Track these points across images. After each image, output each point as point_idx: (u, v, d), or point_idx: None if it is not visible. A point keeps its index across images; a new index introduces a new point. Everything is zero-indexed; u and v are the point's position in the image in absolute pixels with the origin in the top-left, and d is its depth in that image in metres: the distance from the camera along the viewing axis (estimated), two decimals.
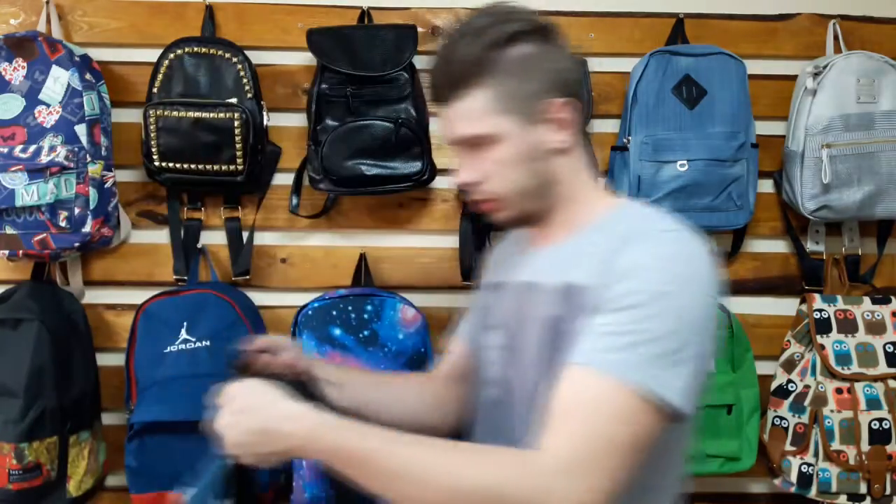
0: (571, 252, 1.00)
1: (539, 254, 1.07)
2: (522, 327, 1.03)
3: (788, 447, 1.70)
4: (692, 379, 0.86)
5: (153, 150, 1.64)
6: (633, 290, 0.87)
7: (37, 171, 1.57)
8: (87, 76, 1.64)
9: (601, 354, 0.85)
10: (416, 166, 1.67)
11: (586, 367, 0.85)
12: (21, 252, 1.61)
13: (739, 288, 1.82)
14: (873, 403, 1.67)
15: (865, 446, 1.66)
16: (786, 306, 1.81)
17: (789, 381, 1.74)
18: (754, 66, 1.75)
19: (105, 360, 1.76)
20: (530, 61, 0.97)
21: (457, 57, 0.96)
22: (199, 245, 1.78)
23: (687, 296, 0.87)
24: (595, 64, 1.75)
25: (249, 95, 1.68)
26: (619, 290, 0.87)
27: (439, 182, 1.75)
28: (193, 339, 1.62)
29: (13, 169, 1.57)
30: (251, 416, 0.92)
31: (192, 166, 1.65)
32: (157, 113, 1.63)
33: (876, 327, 1.72)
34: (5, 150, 1.59)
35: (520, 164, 0.99)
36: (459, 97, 0.97)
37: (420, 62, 1.73)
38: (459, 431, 1.19)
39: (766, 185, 1.82)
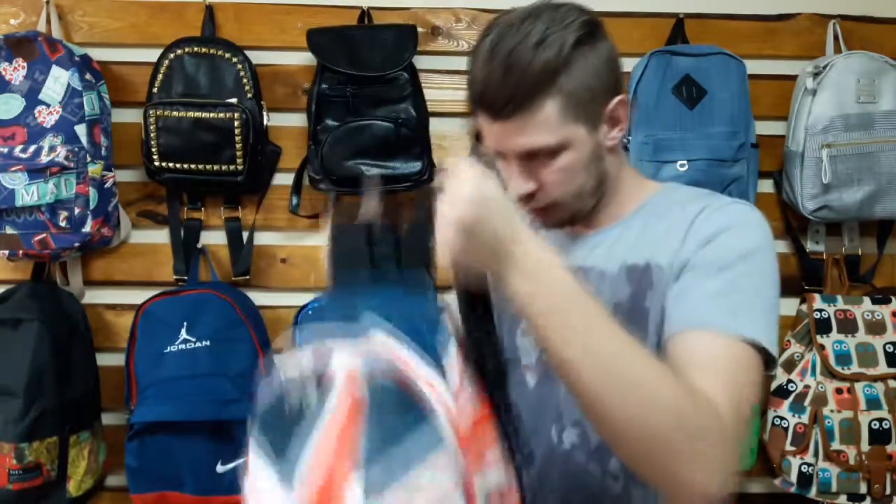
0: (623, 236, 1.01)
1: (584, 240, 1.04)
2: None
3: (788, 447, 1.70)
4: (776, 334, 0.91)
5: (153, 150, 1.64)
6: (721, 254, 0.90)
7: (37, 171, 1.57)
8: (87, 76, 1.64)
9: (714, 315, 0.87)
10: (416, 166, 1.67)
11: (704, 329, 0.86)
12: (21, 252, 1.61)
13: None
14: (873, 403, 1.67)
15: (865, 446, 1.66)
16: (786, 306, 1.81)
17: (789, 381, 1.74)
18: (754, 66, 1.75)
19: (105, 360, 1.76)
20: (592, 64, 0.94)
21: (525, 68, 0.90)
22: (199, 245, 1.78)
23: (766, 256, 0.92)
24: None
25: (249, 95, 1.68)
26: (707, 256, 0.91)
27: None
28: (193, 339, 1.62)
29: (13, 169, 1.57)
30: (482, 204, 0.75)
31: (192, 166, 1.65)
32: (157, 113, 1.63)
33: (876, 327, 1.72)
34: (5, 150, 1.59)
35: (584, 168, 0.97)
36: (527, 109, 0.91)
37: (420, 62, 1.74)
38: None
39: (766, 185, 1.82)
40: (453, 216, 0.74)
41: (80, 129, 1.62)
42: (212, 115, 1.63)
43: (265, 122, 1.70)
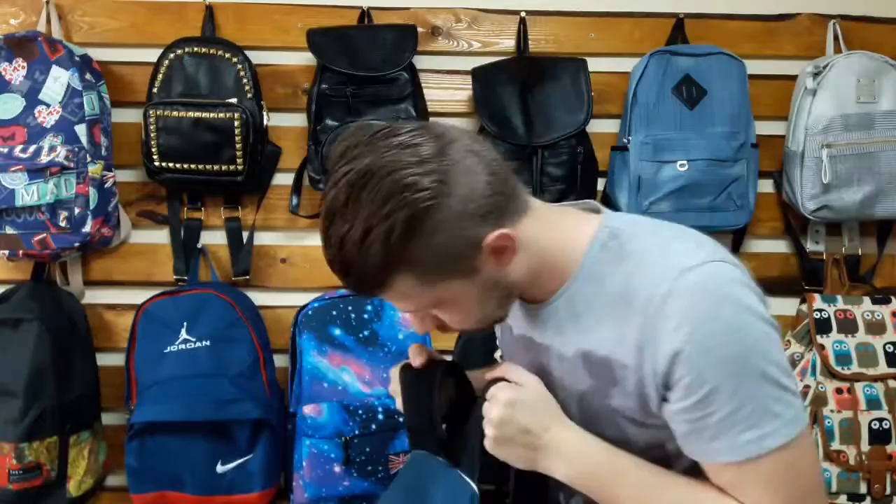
0: (569, 313, 0.92)
1: (536, 314, 0.96)
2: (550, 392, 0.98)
3: None
4: (798, 396, 0.86)
5: (153, 150, 1.64)
6: (710, 372, 0.81)
7: (37, 171, 1.57)
8: (87, 76, 1.64)
9: (740, 446, 0.82)
10: None
11: (738, 463, 0.82)
12: (21, 252, 1.61)
13: None
14: (873, 403, 1.67)
15: (865, 446, 1.66)
16: (786, 306, 1.81)
17: None
18: (754, 66, 1.75)
19: (105, 360, 1.76)
20: (440, 227, 0.81)
21: (357, 269, 0.82)
22: (199, 245, 1.78)
23: (748, 335, 0.82)
24: (595, 64, 1.74)
25: (249, 95, 1.68)
26: (694, 374, 0.81)
27: None
28: (193, 340, 1.62)
29: (13, 169, 1.57)
30: (527, 411, 0.89)
31: (192, 166, 1.65)
32: (157, 113, 1.63)
33: (876, 327, 1.72)
34: (5, 150, 1.59)
35: (476, 305, 0.89)
36: (379, 293, 0.86)
37: (420, 62, 1.74)
38: None
39: (766, 185, 1.82)
40: (490, 417, 0.89)
41: (80, 129, 1.62)
42: (212, 115, 1.63)
43: (265, 122, 1.70)
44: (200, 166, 1.65)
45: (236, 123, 1.63)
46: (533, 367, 0.97)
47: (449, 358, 1.06)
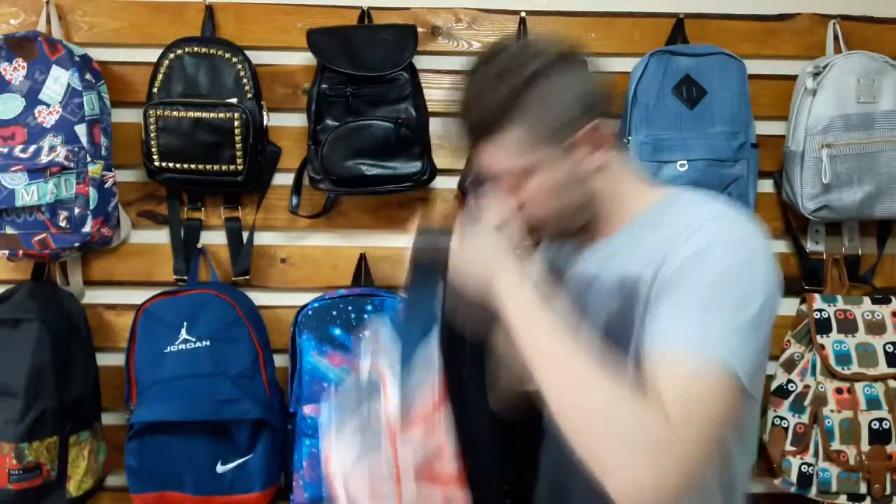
0: (621, 247, 1.03)
1: (588, 251, 1.09)
2: (581, 324, 1.04)
3: (788, 447, 1.70)
4: (756, 357, 0.90)
5: (153, 150, 1.64)
6: (694, 275, 0.90)
7: (37, 171, 1.57)
8: (87, 76, 1.64)
9: (682, 338, 0.87)
10: (416, 166, 1.67)
11: (671, 350, 0.87)
12: (21, 252, 1.61)
13: None
14: (873, 403, 1.67)
15: (865, 446, 1.66)
16: (786, 306, 1.81)
17: (789, 381, 1.74)
18: (754, 66, 1.75)
19: (105, 360, 1.76)
20: (556, 93, 0.98)
21: (482, 102, 0.98)
22: (199, 245, 1.78)
23: (742, 277, 0.90)
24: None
25: (249, 95, 1.68)
26: (680, 277, 0.90)
27: (439, 182, 1.74)
28: (193, 339, 1.62)
29: (13, 169, 1.57)
30: (490, 243, 1.00)
31: (192, 166, 1.65)
32: (157, 113, 1.63)
33: (876, 327, 1.72)
34: (5, 150, 1.59)
35: (559, 190, 1.01)
36: (490, 138, 1.00)
37: (420, 62, 1.74)
38: None
39: (766, 185, 1.82)
40: (455, 246, 1.02)
41: (80, 129, 1.62)
42: (212, 115, 1.63)
43: (265, 122, 1.70)
44: (200, 166, 1.65)
45: (236, 123, 1.63)
46: (577, 299, 1.06)
47: None
